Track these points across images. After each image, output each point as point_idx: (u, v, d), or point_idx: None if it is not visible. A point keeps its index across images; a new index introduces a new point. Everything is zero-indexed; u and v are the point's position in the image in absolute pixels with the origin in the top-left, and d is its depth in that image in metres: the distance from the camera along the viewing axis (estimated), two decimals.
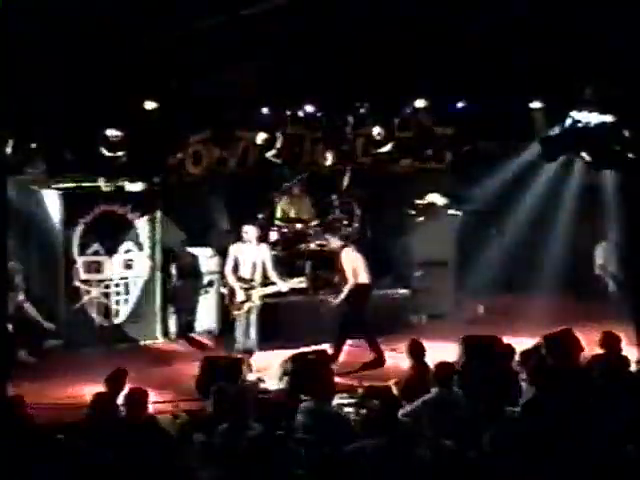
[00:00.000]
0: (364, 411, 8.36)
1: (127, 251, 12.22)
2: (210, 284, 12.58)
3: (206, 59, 10.00)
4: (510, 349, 10.10)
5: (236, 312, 10.91)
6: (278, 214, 13.13)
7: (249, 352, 10.84)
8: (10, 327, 9.65)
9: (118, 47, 9.12)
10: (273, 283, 10.93)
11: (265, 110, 11.88)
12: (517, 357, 9.87)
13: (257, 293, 10.83)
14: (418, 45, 10.00)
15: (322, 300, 12.00)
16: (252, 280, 10.86)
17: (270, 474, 6.59)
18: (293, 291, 11.73)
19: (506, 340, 10.52)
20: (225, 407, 7.67)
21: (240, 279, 10.87)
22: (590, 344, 9.58)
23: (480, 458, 6.72)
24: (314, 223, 13.14)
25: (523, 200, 14.40)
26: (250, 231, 11.02)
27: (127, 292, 12.30)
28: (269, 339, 11.51)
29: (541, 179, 14.38)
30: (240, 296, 10.80)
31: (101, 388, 8.17)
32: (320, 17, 9.11)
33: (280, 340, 11.69)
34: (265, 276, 10.96)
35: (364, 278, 11.18)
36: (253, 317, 10.89)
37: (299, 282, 11.24)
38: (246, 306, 10.81)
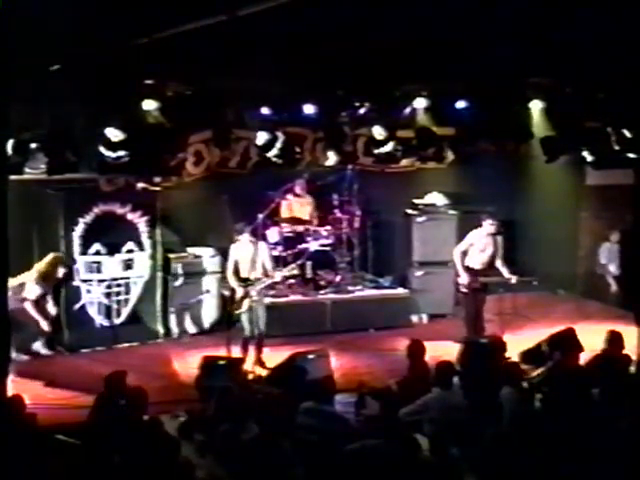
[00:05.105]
0: (364, 411, 8.40)
1: (128, 251, 12.23)
2: (211, 284, 12.59)
3: (206, 59, 9.98)
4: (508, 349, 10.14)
5: (238, 311, 10.91)
6: (279, 214, 13.12)
7: (258, 340, 10.88)
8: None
9: (117, 47, 9.10)
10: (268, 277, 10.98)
11: (265, 110, 11.85)
12: (517, 357, 9.93)
13: (254, 288, 10.83)
14: (418, 45, 9.97)
15: None
16: (250, 279, 10.86)
17: (270, 474, 6.59)
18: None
19: (507, 340, 10.54)
20: (225, 407, 7.68)
21: (240, 279, 10.88)
22: (592, 344, 9.59)
23: (480, 458, 6.73)
24: (315, 223, 13.13)
25: (523, 200, 14.40)
26: (248, 231, 11.04)
27: (128, 292, 12.31)
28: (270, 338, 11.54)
29: (541, 179, 14.37)
30: (239, 294, 10.83)
31: (101, 388, 8.18)
32: (320, 17, 9.08)
33: (280, 339, 11.72)
34: (265, 275, 10.95)
35: None
36: (261, 311, 10.89)
37: (291, 269, 11.46)
38: (245, 302, 10.80)
